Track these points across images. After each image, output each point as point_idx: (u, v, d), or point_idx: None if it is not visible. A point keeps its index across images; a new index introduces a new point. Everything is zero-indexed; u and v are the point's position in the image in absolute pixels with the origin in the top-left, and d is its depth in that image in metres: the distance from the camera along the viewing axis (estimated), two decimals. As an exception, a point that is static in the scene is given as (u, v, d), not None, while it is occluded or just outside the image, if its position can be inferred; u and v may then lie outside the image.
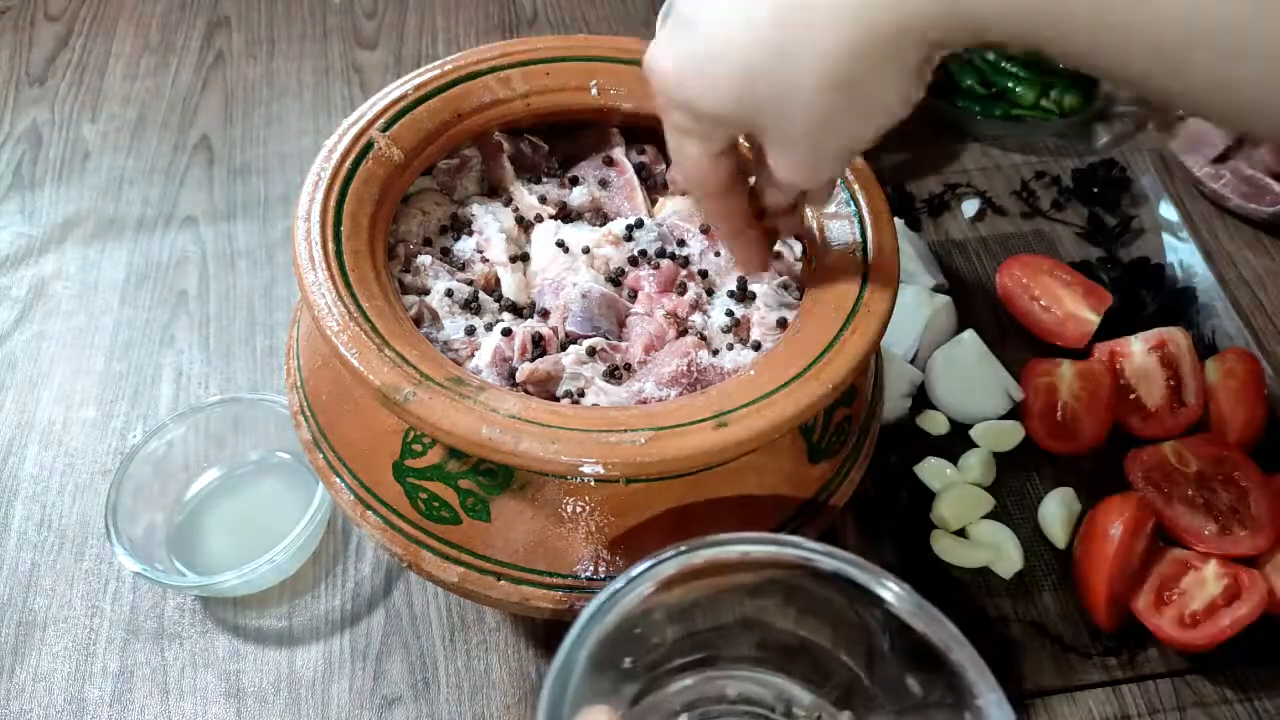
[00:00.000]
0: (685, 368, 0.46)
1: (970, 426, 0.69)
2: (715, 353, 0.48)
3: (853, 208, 0.50)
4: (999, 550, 0.63)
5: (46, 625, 0.62)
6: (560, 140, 0.58)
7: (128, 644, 0.61)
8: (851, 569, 0.39)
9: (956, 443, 0.69)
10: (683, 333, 0.49)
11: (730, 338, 0.49)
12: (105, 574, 0.64)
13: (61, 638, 0.62)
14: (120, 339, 0.77)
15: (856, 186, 0.50)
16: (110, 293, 0.80)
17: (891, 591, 0.38)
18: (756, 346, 0.49)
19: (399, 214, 0.53)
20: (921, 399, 0.71)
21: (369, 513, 0.48)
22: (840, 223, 0.49)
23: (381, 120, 0.50)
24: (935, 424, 0.70)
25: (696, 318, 0.50)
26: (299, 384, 0.51)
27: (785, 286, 0.51)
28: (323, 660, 0.61)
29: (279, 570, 0.61)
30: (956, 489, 0.66)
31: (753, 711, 0.46)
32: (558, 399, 0.46)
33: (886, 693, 0.42)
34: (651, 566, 0.38)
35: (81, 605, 0.63)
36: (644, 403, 0.45)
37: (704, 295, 0.51)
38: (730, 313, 0.50)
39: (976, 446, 0.68)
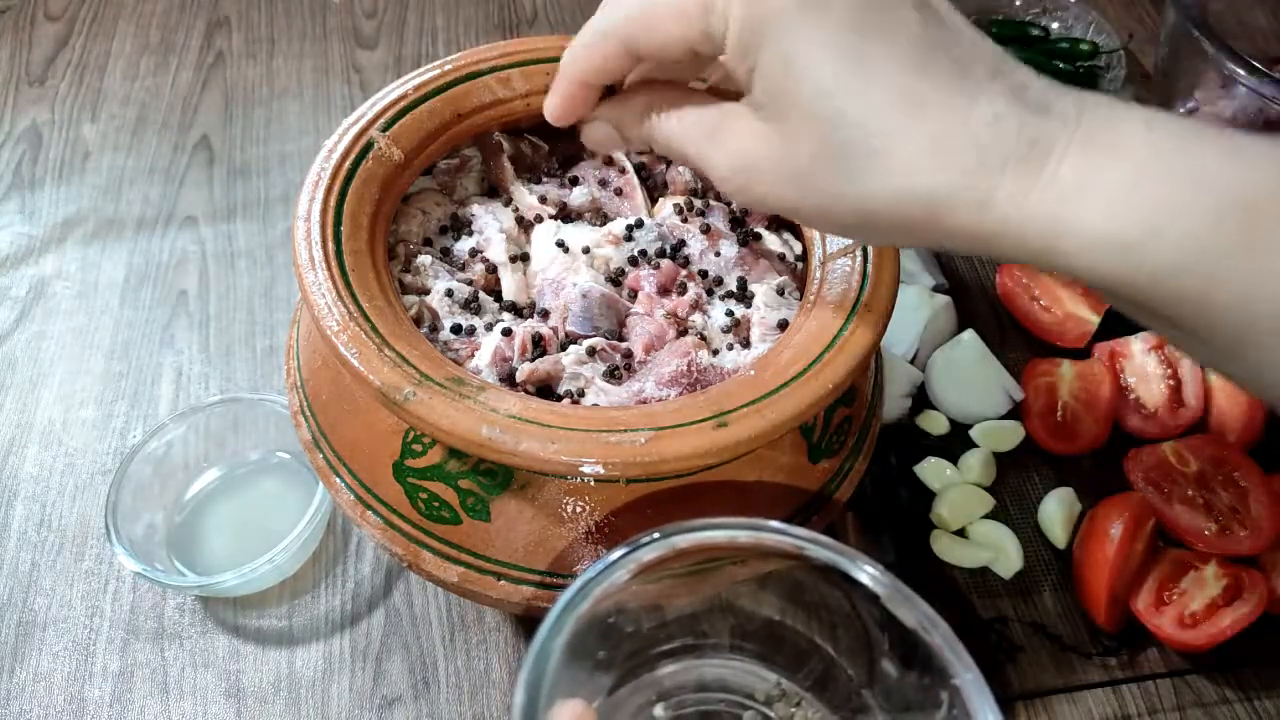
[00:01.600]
0: (685, 368, 0.46)
1: (970, 426, 0.69)
2: (715, 353, 0.48)
3: None
4: (999, 550, 0.63)
5: (46, 625, 0.62)
6: (560, 140, 0.58)
7: (128, 644, 0.62)
8: (829, 553, 0.39)
9: (956, 443, 0.69)
10: (683, 333, 0.49)
11: (730, 338, 0.49)
12: (105, 574, 0.64)
13: (61, 638, 0.62)
14: (120, 339, 0.77)
15: None
16: (110, 293, 0.80)
17: (867, 574, 0.38)
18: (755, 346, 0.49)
19: (399, 214, 0.53)
20: (921, 399, 0.71)
21: (369, 513, 0.48)
22: None
23: (381, 120, 0.50)
24: (935, 424, 0.70)
25: (696, 318, 0.50)
26: (299, 384, 0.51)
27: (783, 290, 0.51)
28: (323, 660, 0.61)
29: (279, 570, 0.61)
30: (956, 489, 0.66)
31: (728, 699, 0.46)
32: (558, 399, 0.46)
33: (863, 676, 0.42)
34: (626, 554, 0.37)
35: (81, 605, 0.63)
36: (644, 402, 0.45)
37: (704, 295, 0.51)
38: (730, 313, 0.50)
39: (976, 446, 0.68)
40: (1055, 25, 0.96)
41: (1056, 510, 0.64)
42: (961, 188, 0.31)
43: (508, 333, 0.47)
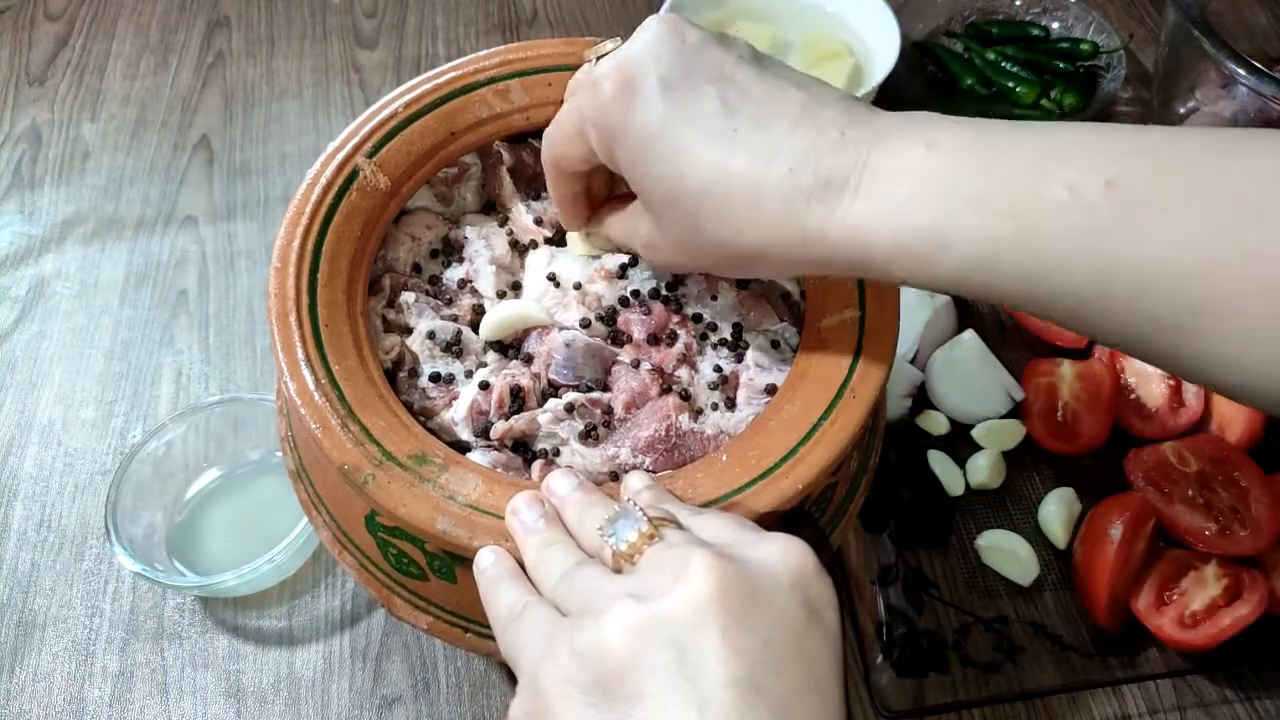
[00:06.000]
0: (664, 432, 0.45)
1: (971, 427, 0.69)
2: (699, 412, 0.47)
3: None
4: (1018, 560, 0.63)
5: (46, 625, 0.62)
6: None
7: (128, 644, 0.62)
8: None
9: (957, 443, 0.69)
10: (666, 390, 0.47)
11: (717, 395, 0.47)
12: (105, 574, 0.64)
13: (61, 638, 0.62)
14: (120, 339, 0.77)
15: None
16: (110, 293, 0.80)
17: None
18: (735, 406, 0.47)
19: (388, 238, 0.51)
20: (921, 399, 0.71)
21: (345, 554, 0.48)
22: (840, 292, 0.47)
23: (369, 144, 0.48)
24: (935, 424, 0.70)
25: (683, 372, 0.48)
26: (285, 410, 0.51)
27: (778, 343, 0.49)
28: (323, 660, 0.61)
29: (279, 570, 0.61)
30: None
31: None
32: (534, 455, 0.46)
33: None
34: None
35: (81, 605, 0.63)
36: (615, 474, 0.44)
37: (694, 344, 0.49)
38: (719, 368, 0.48)
39: (979, 447, 0.68)
40: (1055, 25, 0.96)
41: (1057, 510, 0.64)
42: (780, 233, 0.37)
43: (485, 386, 0.46)
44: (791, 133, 0.37)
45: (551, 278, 0.50)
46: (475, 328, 0.50)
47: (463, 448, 0.45)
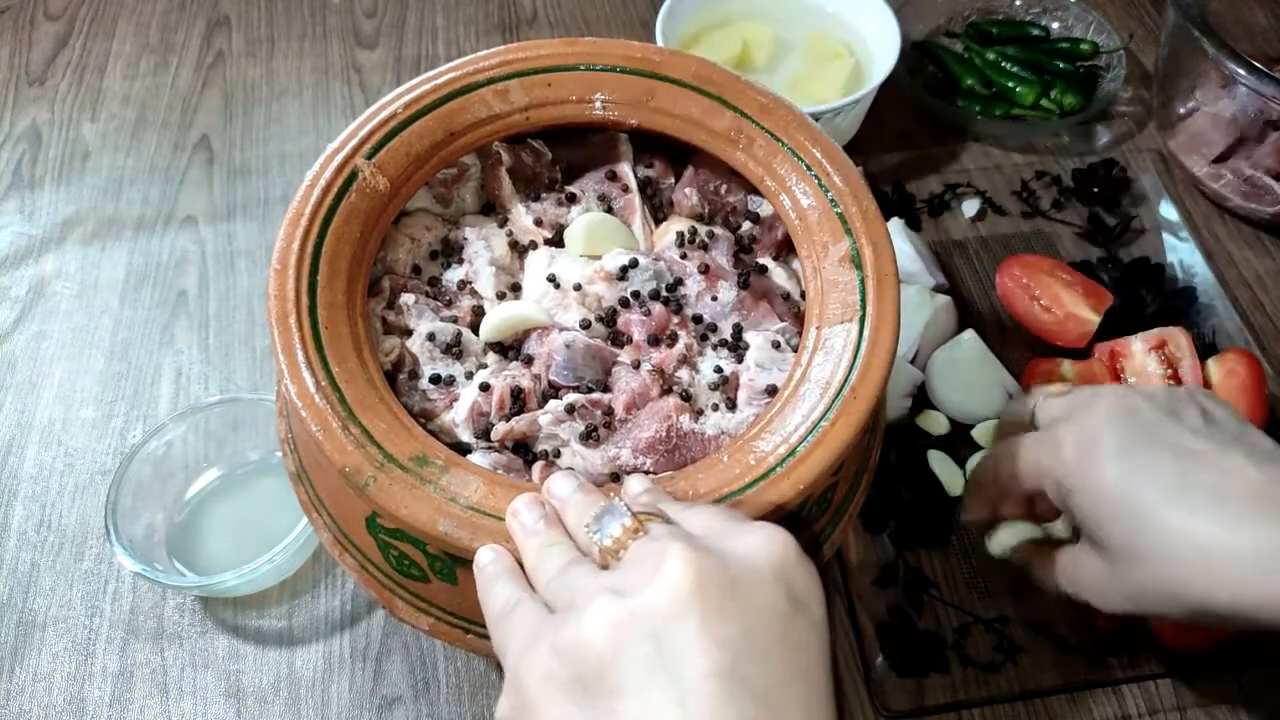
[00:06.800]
0: (664, 433, 0.45)
1: (971, 427, 0.69)
2: (700, 413, 0.47)
3: (858, 273, 0.47)
4: None
5: (46, 625, 0.62)
6: (565, 146, 0.56)
7: (128, 644, 0.62)
8: None
9: (957, 443, 0.69)
10: (666, 391, 0.47)
11: (717, 396, 0.47)
12: (105, 574, 0.65)
13: (61, 638, 0.62)
14: (120, 339, 0.77)
15: (864, 241, 0.47)
16: (110, 293, 0.80)
17: None
18: (736, 406, 0.47)
19: (387, 239, 0.51)
20: (921, 399, 0.71)
21: (346, 555, 0.48)
22: (840, 292, 0.47)
23: (368, 145, 0.48)
24: (935, 424, 0.70)
25: (684, 373, 0.48)
26: (286, 412, 0.51)
27: (779, 343, 0.49)
28: (323, 660, 0.61)
29: (279, 570, 0.61)
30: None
31: None
32: (535, 457, 0.46)
33: None
34: None
35: (81, 605, 0.63)
36: (615, 475, 0.44)
37: (695, 345, 0.49)
38: (719, 369, 0.48)
39: (978, 447, 0.68)
40: (1055, 25, 0.96)
41: (1056, 510, 0.64)
42: (1246, 595, 0.41)
43: (485, 388, 0.46)
44: (1253, 510, 0.41)
45: (551, 279, 0.50)
46: (475, 329, 0.50)
47: (463, 449, 0.45)
